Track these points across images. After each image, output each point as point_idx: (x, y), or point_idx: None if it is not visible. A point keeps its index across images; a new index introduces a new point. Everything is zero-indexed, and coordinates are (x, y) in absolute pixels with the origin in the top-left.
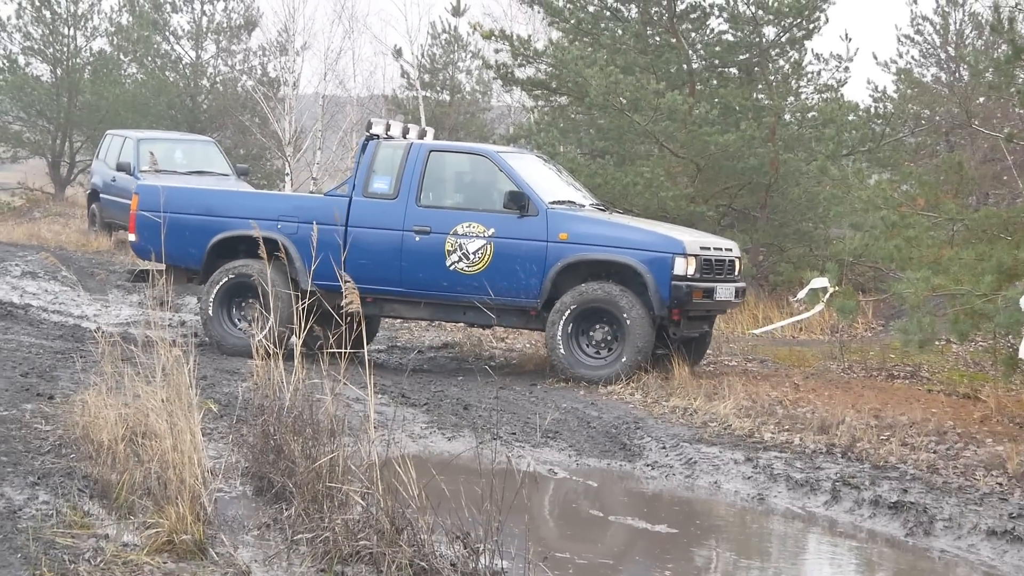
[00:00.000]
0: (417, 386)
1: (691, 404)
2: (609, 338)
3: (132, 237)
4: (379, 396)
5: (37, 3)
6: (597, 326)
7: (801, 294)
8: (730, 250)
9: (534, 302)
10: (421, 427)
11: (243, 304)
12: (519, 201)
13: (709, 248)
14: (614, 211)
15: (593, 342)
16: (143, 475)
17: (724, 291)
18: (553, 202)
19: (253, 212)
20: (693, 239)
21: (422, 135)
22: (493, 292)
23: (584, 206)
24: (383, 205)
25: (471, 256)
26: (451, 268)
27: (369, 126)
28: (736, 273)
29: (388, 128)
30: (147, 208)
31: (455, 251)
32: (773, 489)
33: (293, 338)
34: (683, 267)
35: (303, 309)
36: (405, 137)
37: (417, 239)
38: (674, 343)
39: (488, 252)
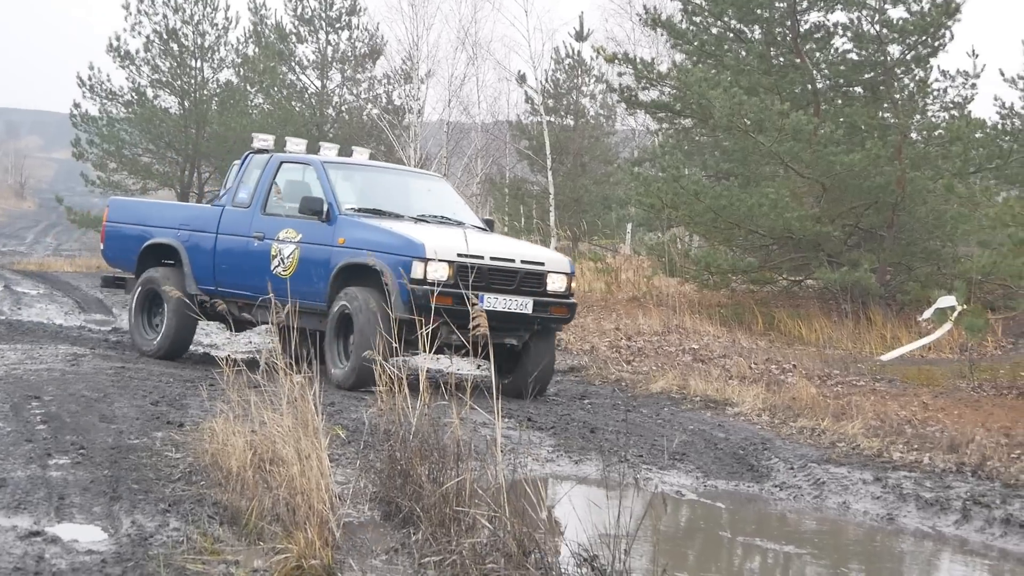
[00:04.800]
0: (543, 410)
1: (819, 424)
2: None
3: (102, 246)
4: (505, 420)
5: (165, 36)
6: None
7: (928, 313)
8: (539, 263)
9: (323, 305)
10: (548, 450)
11: (157, 310)
12: (314, 207)
13: (481, 256)
14: (493, 232)
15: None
16: (272, 501)
17: (502, 302)
18: (354, 209)
19: (165, 222)
20: (450, 244)
21: (347, 153)
22: (297, 295)
23: (403, 218)
24: (241, 214)
25: (285, 261)
26: (274, 272)
27: (251, 141)
28: (544, 288)
29: (284, 145)
30: (113, 220)
31: (277, 256)
32: (903, 509)
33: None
34: (421, 271)
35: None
36: (317, 154)
37: (256, 245)
38: (448, 351)
39: (296, 257)
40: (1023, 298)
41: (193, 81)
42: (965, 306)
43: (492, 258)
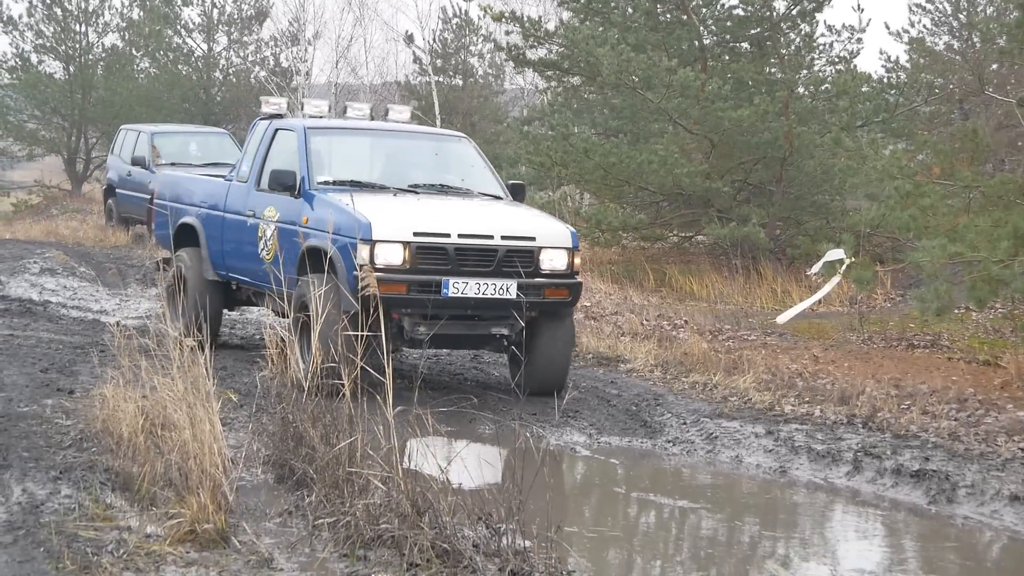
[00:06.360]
0: (436, 370)
1: (711, 379)
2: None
3: (152, 226)
4: (398, 381)
5: (48, 1)
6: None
7: (816, 267)
8: (528, 239)
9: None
10: (442, 410)
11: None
12: (284, 181)
13: (446, 234)
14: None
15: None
16: (164, 466)
17: (474, 287)
18: (328, 182)
19: (193, 199)
20: (408, 221)
21: (383, 111)
22: (276, 282)
23: (387, 190)
24: (242, 189)
25: (268, 243)
26: (260, 255)
27: (260, 105)
28: (535, 267)
29: (301, 108)
30: (160, 198)
31: (263, 237)
32: (795, 461)
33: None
34: (367, 254)
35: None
36: (344, 116)
37: (248, 224)
38: (407, 345)
39: (275, 238)
40: (910, 250)
41: (78, 46)
42: (853, 259)
43: (461, 235)
